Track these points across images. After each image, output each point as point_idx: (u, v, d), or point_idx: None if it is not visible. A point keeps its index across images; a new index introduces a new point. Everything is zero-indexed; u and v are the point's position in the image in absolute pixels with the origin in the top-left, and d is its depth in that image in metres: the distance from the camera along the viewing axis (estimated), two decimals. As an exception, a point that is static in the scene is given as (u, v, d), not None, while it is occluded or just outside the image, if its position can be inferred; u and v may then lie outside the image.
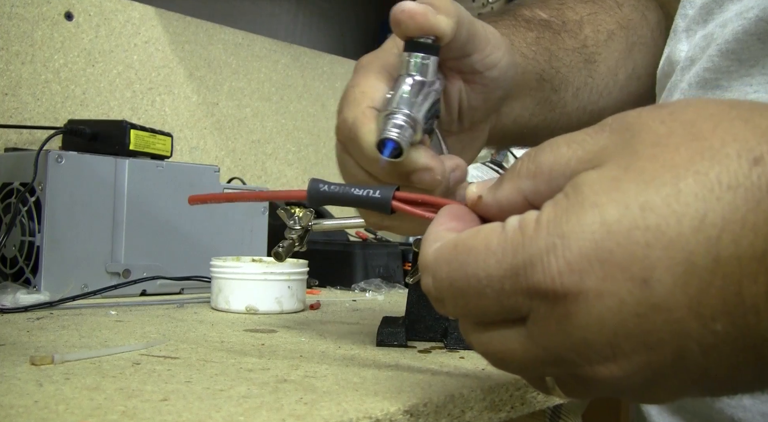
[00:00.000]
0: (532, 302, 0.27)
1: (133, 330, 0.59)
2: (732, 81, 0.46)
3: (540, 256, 0.26)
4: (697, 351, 0.26)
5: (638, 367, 0.27)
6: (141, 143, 0.86)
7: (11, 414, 0.34)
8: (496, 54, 0.49)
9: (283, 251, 0.58)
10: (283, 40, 1.43)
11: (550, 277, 0.26)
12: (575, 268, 0.26)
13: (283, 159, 1.43)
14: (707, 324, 0.25)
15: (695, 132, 0.26)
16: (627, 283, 0.25)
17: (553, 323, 0.27)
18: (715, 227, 0.25)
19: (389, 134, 0.40)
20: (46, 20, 1.05)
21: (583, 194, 0.27)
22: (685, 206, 0.25)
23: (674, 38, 0.54)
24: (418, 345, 0.57)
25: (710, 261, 0.25)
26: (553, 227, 0.27)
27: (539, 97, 0.59)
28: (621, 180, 0.26)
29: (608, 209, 0.26)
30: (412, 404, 0.38)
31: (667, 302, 0.25)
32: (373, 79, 0.45)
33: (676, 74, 0.52)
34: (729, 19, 0.47)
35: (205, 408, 0.36)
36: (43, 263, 0.76)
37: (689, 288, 0.25)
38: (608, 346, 0.26)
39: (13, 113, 1.02)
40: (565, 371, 0.28)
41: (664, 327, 0.25)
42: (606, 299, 0.26)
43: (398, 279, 1.06)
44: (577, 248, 0.26)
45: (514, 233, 0.28)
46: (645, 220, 0.25)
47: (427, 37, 0.42)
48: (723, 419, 0.46)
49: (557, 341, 0.27)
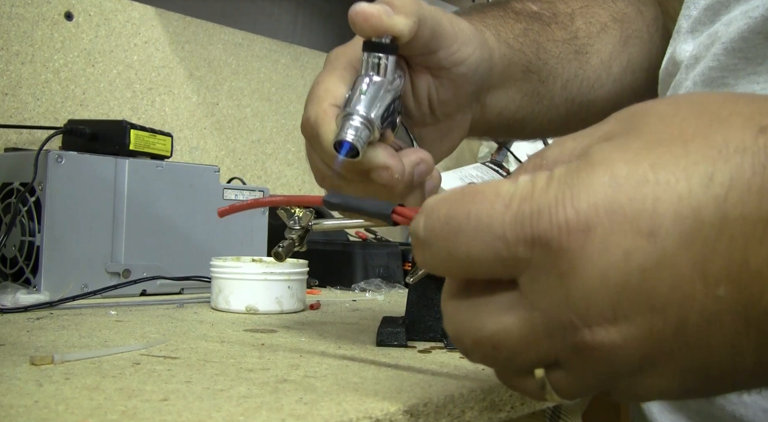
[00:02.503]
0: (534, 253, 0.26)
1: (133, 330, 0.59)
2: (739, 79, 0.46)
3: (549, 205, 0.26)
4: (698, 320, 0.25)
5: (638, 334, 0.26)
6: (141, 143, 0.86)
7: (11, 414, 0.34)
8: (465, 50, 0.49)
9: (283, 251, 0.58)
10: (283, 40, 1.43)
11: (557, 225, 0.26)
12: (583, 217, 0.25)
13: (283, 159, 1.43)
14: (711, 287, 0.25)
15: (702, 108, 0.27)
16: (634, 236, 0.25)
17: (554, 277, 0.26)
18: (723, 186, 0.25)
19: (344, 135, 0.42)
20: (46, 20, 1.05)
21: (593, 156, 0.27)
22: (694, 164, 0.25)
23: (677, 38, 0.54)
24: (418, 345, 0.57)
25: (717, 219, 0.25)
26: (565, 180, 0.26)
27: (526, 89, 0.59)
28: (631, 144, 0.27)
29: (618, 165, 0.26)
30: (412, 404, 0.38)
31: (673, 258, 0.25)
32: (336, 77, 0.46)
33: (681, 73, 0.52)
34: (734, 17, 0.47)
35: (205, 408, 0.36)
36: (43, 263, 0.76)
37: (695, 245, 0.25)
38: (610, 305, 0.26)
39: (13, 113, 1.02)
40: (561, 342, 0.27)
41: (668, 286, 0.25)
42: (611, 252, 0.25)
43: (398, 279, 1.06)
44: (586, 198, 0.26)
45: (525, 184, 0.27)
46: (655, 175, 0.25)
47: (384, 37, 0.43)
48: (724, 416, 0.46)
49: (556, 299, 0.26)
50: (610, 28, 0.64)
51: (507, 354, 0.29)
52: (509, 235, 0.27)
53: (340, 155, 0.43)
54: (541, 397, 0.30)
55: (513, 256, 0.27)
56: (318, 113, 0.45)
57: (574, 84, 0.62)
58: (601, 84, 0.63)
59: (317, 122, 0.44)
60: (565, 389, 0.29)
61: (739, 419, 0.45)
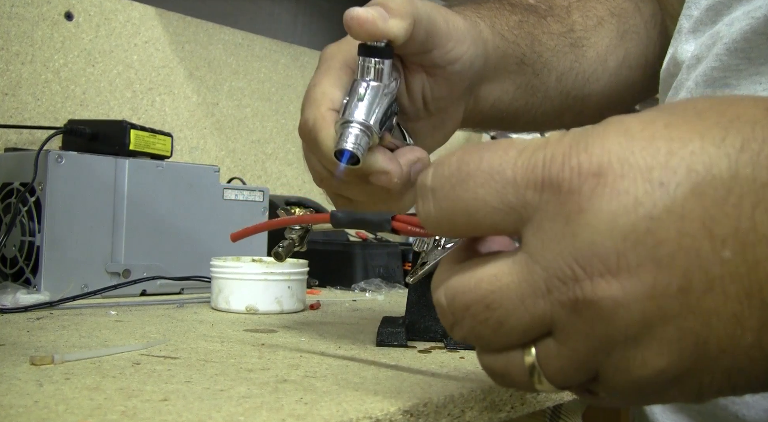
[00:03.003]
0: (542, 196, 0.26)
1: (133, 330, 0.59)
2: (741, 79, 0.46)
3: (563, 151, 0.27)
4: (702, 283, 0.25)
5: (640, 290, 0.25)
6: (141, 143, 0.86)
7: (11, 414, 0.34)
8: (459, 48, 0.49)
9: (283, 251, 0.58)
10: (283, 40, 1.43)
11: (569, 168, 0.26)
12: (596, 161, 0.26)
13: (283, 159, 1.43)
14: (717, 247, 0.25)
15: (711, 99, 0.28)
16: (645, 184, 0.25)
17: (560, 222, 0.26)
18: (735, 147, 0.25)
19: (345, 144, 0.43)
20: (46, 20, 1.05)
21: (608, 120, 0.28)
22: (706, 129, 0.26)
23: (678, 38, 0.54)
24: (418, 345, 0.57)
25: (728, 176, 0.25)
26: (580, 134, 0.27)
27: (520, 82, 0.59)
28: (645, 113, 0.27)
29: (633, 123, 0.27)
30: (412, 404, 0.38)
31: (682, 209, 0.25)
32: (333, 78, 0.46)
33: (682, 73, 0.52)
34: (736, 17, 0.47)
35: (205, 408, 0.36)
36: (43, 263, 0.76)
37: (705, 200, 0.25)
38: (615, 253, 0.25)
39: (13, 113, 1.02)
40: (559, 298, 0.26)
41: (675, 240, 0.25)
42: (621, 198, 0.25)
43: (398, 279, 1.06)
44: (601, 145, 0.26)
45: (539, 139, 0.28)
46: (668, 133, 0.26)
47: (379, 41, 0.43)
48: (727, 416, 0.46)
49: (559, 247, 0.26)
50: (607, 22, 0.64)
51: (499, 316, 0.27)
52: (519, 179, 0.27)
53: (341, 164, 0.43)
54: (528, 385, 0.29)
55: (521, 201, 0.27)
56: (316, 117, 0.45)
57: (569, 77, 0.62)
58: (596, 78, 0.63)
59: (315, 126, 0.45)
60: (554, 367, 0.28)
61: (741, 419, 0.45)
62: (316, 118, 0.45)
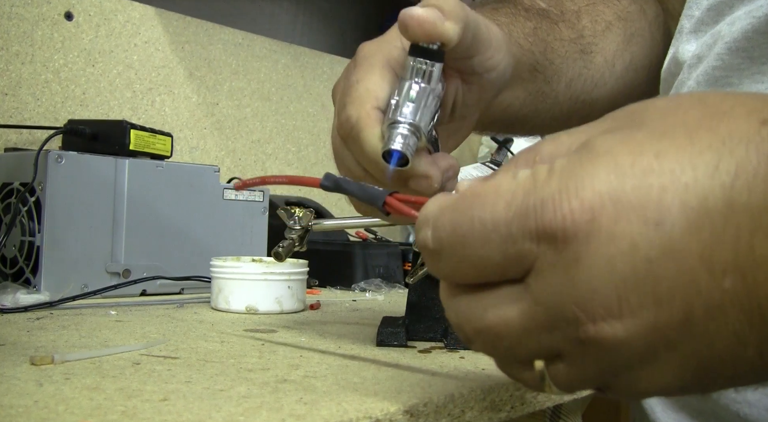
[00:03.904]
0: (540, 247, 0.26)
1: (133, 330, 0.59)
2: (743, 78, 0.46)
3: (552, 196, 0.26)
4: (703, 312, 0.25)
5: (644, 328, 0.25)
6: (141, 143, 0.86)
7: (11, 414, 0.34)
8: (497, 57, 0.49)
9: (283, 251, 0.58)
10: (283, 40, 1.43)
11: (561, 215, 0.26)
12: (587, 207, 0.25)
13: (283, 159, 1.43)
14: (717, 278, 0.25)
15: (703, 102, 0.27)
16: (640, 225, 0.25)
17: (560, 271, 0.26)
18: (729, 174, 0.25)
19: (396, 145, 0.41)
20: (46, 20, 1.05)
21: (596, 147, 0.27)
22: (699, 154, 0.25)
23: (679, 39, 0.54)
24: (418, 345, 0.57)
25: (724, 207, 0.25)
26: (567, 172, 0.26)
27: (531, 88, 0.59)
28: (634, 135, 0.26)
29: (622, 155, 0.26)
30: (412, 404, 0.38)
31: (680, 247, 0.25)
32: (377, 76, 0.44)
33: (683, 73, 0.52)
34: (738, 17, 0.47)
35: (205, 408, 0.36)
36: (43, 263, 0.76)
37: (702, 234, 0.25)
38: (616, 297, 0.25)
39: (13, 113, 1.02)
40: (564, 336, 0.27)
41: (674, 277, 0.25)
42: (617, 242, 0.25)
43: (398, 279, 1.06)
44: (591, 187, 0.25)
45: (525, 179, 0.27)
46: (660, 165, 0.25)
47: (433, 43, 0.42)
48: (728, 415, 0.46)
49: (562, 293, 0.26)
50: (614, 27, 0.64)
51: (508, 345, 0.28)
52: (515, 231, 0.27)
53: (390, 165, 0.41)
54: (540, 389, 0.30)
55: (520, 252, 0.27)
56: (360, 114, 0.43)
57: (578, 83, 0.62)
58: (604, 82, 0.64)
59: (360, 124, 0.43)
60: (564, 381, 0.29)
61: (743, 418, 0.45)
62: (360, 116, 0.43)
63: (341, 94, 0.45)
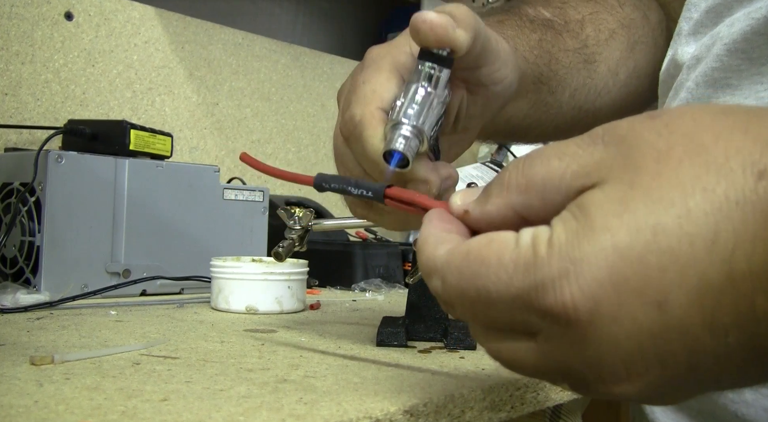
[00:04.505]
0: (544, 322, 0.27)
1: (133, 330, 0.59)
2: (742, 80, 0.46)
3: (552, 280, 0.26)
4: (709, 362, 0.26)
5: (651, 383, 0.27)
6: (141, 143, 0.86)
7: (11, 414, 0.34)
8: (504, 70, 0.48)
9: (283, 251, 0.58)
10: (283, 40, 1.43)
11: (562, 302, 0.26)
12: (589, 294, 0.26)
13: (283, 159, 1.43)
14: (720, 337, 0.25)
15: (696, 145, 0.26)
16: (642, 306, 0.25)
17: (566, 343, 0.27)
18: (728, 247, 0.25)
19: (398, 145, 0.41)
20: (46, 20, 1.05)
21: (592, 217, 0.26)
22: (696, 226, 0.25)
23: (678, 41, 0.54)
24: (418, 345, 0.57)
25: (724, 279, 0.25)
26: (566, 251, 0.26)
27: (535, 99, 0.59)
28: (629, 201, 0.26)
29: (620, 233, 0.26)
30: (412, 404, 0.38)
31: (683, 322, 0.25)
32: (384, 79, 0.44)
33: (683, 74, 0.52)
34: (737, 18, 0.47)
35: (205, 408, 0.36)
36: (43, 263, 0.76)
37: (704, 307, 0.25)
38: (623, 366, 0.27)
39: (13, 113, 1.02)
40: (578, 383, 0.29)
41: (679, 345, 0.26)
42: (621, 323, 0.26)
43: (398, 279, 1.06)
44: (590, 274, 0.26)
45: (526, 250, 0.27)
46: (657, 244, 0.25)
47: (443, 49, 0.42)
48: (726, 415, 0.46)
49: (570, 359, 0.28)
50: (617, 35, 0.64)
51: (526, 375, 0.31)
52: (519, 306, 0.27)
53: (390, 166, 0.41)
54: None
55: (526, 321, 0.28)
56: (364, 113, 0.43)
57: (582, 93, 0.62)
58: (607, 91, 0.64)
59: (363, 123, 0.43)
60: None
61: (741, 418, 0.45)
62: (364, 115, 0.43)
63: (347, 94, 0.45)
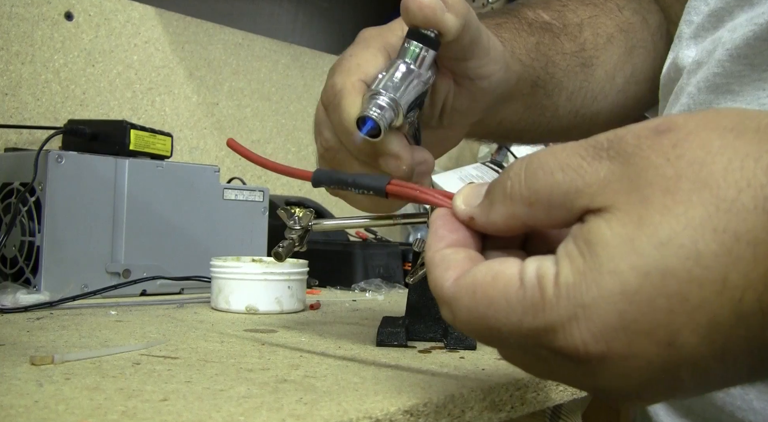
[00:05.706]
0: (555, 357, 0.28)
1: (133, 330, 0.59)
2: (744, 86, 0.46)
3: (562, 324, 0.26)
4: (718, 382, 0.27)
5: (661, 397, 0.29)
6: (141, 143, 0.86)
7: (11, 414, 0.34)
8: (492, 67, 0.49)
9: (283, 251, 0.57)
10: (283, 40, 1.43)
11: (573, 345, 0.26)
12: (599, 336, 0.26)
13: (283, 159, 1.42)
14: (730, 364, 0.26)
15: (706, 177, 0.25)
16: (652, 346, 0.26)
17: (579, 374, 0.28)
18: (738, 289, 0.25)
19: (370, 112, 0.41)
20: (46, 20, 1.05)
21: (599, 258, 0.26)
22: (706, 269, 0.25)
23: (679, 44, 0.54)
24: (418, 345, 0.56)
25: (734, 319, 0.25)
26: (573, 295, 0.26)
27: (530, 102, 0.59)
28: (636, 240, 0.25)
29: (628, 277, 0.25)
30: (412, 404, 0.38)
31: (693, 358, 0.26)
32: (370, 55, 0.45)
33: (683, 78, 0.52)
34: (739, 23, 0.47)
35: (205, 408, 0.36)
36: (43, 263, 0.76)
37: (714, 342, 0.25)
38: (634, 392, 0.27)
39: (13, 113, 1.02)
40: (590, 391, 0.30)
41: (689, 374, 0.26)
42: (632, 361, 0.26)
43: (398, 279, 1.06)
44: (600, 319, 0.26)
45: (533, 291, 0.27)
46: (666, 288, 0.25)
47: (431, 29, 0.43)
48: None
49: (582, 383, 0.29)
50: (616, 39, 0.64)
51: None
52: (530, 344, 0.28)
53: (361, 132, 0.42)
54: None
55: (538, 354, 0.29)
56: (345, 83, 0.43)
57: (579, 96, 0.62)
58: (604, 95, 0.64)
59: (342, 92, 0.43)
60: None
61: None
62: (345, 84, 0.43)
63: (332, 67, 0.46)
